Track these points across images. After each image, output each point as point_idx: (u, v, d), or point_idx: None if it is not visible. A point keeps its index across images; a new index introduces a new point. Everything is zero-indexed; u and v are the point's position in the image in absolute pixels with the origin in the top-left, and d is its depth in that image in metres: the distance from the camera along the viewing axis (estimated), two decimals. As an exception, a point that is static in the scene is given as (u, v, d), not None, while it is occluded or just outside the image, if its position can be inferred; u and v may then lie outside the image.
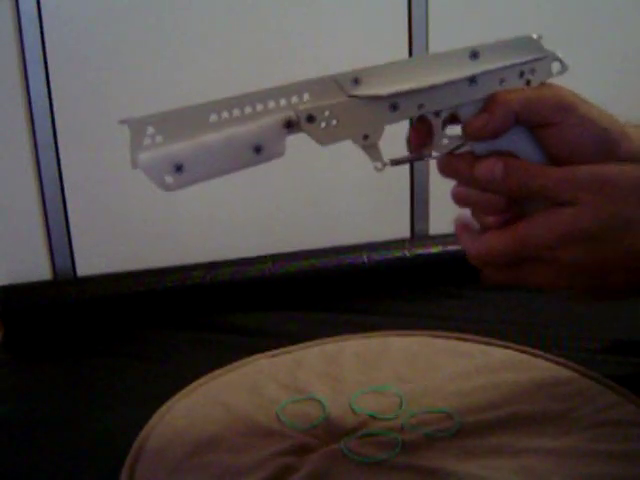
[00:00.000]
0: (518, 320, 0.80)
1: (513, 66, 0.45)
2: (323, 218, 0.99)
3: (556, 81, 0.47)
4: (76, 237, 0.91)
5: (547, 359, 0.67)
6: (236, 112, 0.43)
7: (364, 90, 0.44)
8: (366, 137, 0.45)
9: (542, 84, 0.47)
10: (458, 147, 0.47)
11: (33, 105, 0.86)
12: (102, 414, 0.64)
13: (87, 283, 0.89)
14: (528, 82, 0.46)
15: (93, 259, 0.92)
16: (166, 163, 0.41)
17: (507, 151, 0.46)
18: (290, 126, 0.43)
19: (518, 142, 0.46)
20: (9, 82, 0.85)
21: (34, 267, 0.90)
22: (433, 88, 0.44)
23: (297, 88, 0.43)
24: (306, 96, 0.43)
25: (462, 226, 0.49)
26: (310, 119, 0.43)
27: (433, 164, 0.49)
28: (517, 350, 0.69)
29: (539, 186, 0.44)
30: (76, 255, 0.92)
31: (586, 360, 0.66)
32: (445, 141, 0.47)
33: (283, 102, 0.43)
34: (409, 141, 0.48)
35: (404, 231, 1.02)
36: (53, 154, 0.88)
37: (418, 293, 0.90)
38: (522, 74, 0.46)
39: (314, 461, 0.52)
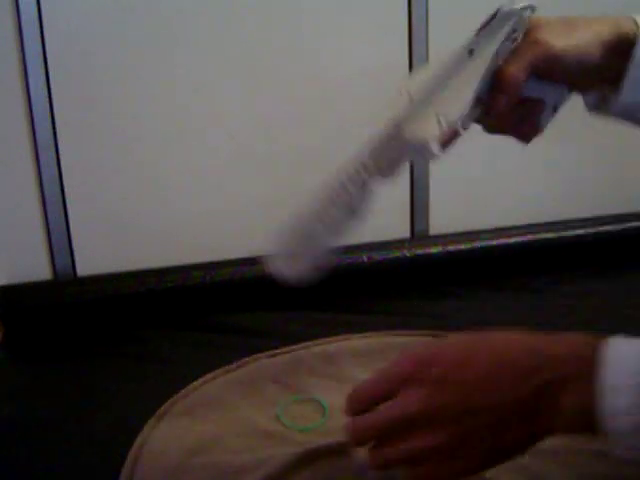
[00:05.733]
0: (518, 320, 0.79)
1: (503, 42, 0.49)
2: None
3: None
4: (76, 237, 0.91)
5: (547, 359, 0.67)
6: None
7: None
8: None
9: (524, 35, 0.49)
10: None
11: (33, 105, 0.86)
12: (102, 414, 0.64)
13: (87, 283, 0.89)
14: (514, 39, 0.49)
15: (93, 259, 0.92)
16: None
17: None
18: None
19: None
20: (9, 82, 0.85)
21: (34, 267, 0.90)
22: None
23: None
24: None
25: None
26: None
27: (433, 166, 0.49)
28: (517, 350, 0.69)
29: None
30: (76, 255, 0.92)
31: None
32: None
33: None
34: None
35: (404, 231, 1.01)
36: (53, 154, 0.88)
37: (417, 293, 0.90)
38: (509, 39, 0.49)
39: (314, 461, 0.52)
